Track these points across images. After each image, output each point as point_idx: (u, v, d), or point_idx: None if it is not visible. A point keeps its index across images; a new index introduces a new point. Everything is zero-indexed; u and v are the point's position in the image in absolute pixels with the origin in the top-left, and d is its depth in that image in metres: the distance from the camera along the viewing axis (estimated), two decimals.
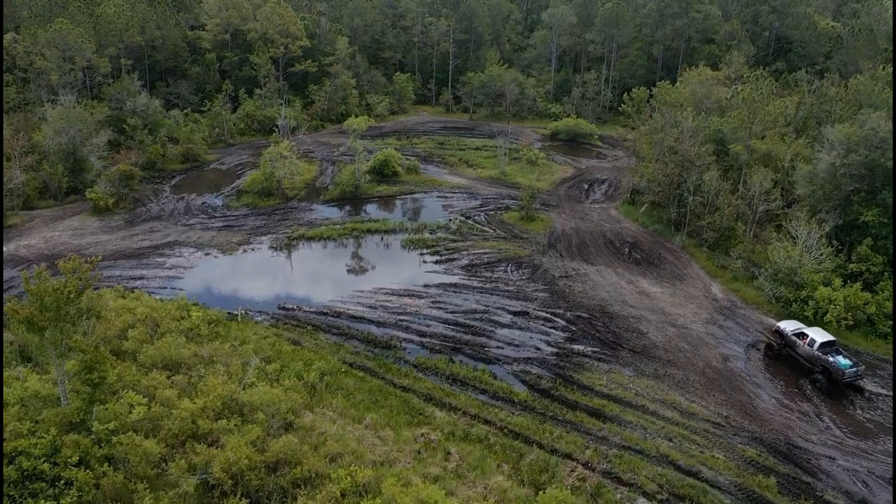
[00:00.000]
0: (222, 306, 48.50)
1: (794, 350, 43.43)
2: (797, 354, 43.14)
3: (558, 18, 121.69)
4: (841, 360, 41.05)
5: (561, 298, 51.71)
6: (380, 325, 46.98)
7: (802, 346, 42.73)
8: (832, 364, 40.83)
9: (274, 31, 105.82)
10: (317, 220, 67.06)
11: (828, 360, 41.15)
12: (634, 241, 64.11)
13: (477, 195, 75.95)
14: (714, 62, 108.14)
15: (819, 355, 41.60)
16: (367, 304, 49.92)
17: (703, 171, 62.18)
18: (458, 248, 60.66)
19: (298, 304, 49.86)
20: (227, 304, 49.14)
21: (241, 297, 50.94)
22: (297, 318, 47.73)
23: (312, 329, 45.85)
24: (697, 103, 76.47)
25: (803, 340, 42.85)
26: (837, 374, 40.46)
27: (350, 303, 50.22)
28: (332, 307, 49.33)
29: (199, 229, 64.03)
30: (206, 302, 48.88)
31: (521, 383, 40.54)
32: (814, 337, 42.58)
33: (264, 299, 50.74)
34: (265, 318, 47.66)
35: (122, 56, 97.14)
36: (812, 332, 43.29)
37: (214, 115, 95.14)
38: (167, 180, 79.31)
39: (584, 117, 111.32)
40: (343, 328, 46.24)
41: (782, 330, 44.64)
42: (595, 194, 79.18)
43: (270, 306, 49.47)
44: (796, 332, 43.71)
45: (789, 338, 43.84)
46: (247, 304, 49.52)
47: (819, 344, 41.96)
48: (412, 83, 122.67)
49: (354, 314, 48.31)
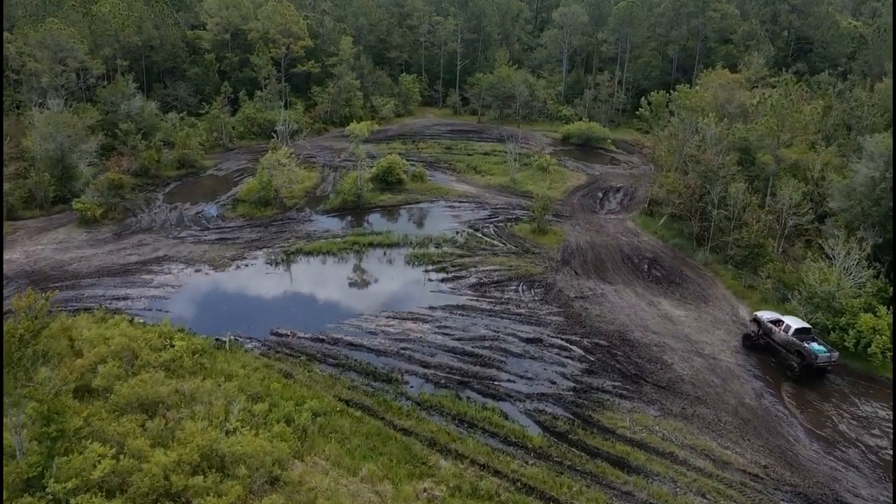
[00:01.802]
0: (210, 331, 44.76)
1: (770, 337, 44.26)
2: (773, 342, 43.94)
3: (570, 17, 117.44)
4: (815, 346, 41.69)
5: (577, 323, 47.76)
6: (380, 354, 43.14)
7: (778, 333, 43.51)
8: (806, 349, 41.47)
9: (275, 31, 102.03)
10: (316, 233, 63.29)
11: (802, 345, 41.80)
12: (654, 257, 60.09)
13: (486, 205, 72.03)
14: (732, 63, 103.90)
15: (794, 340, 42.35)
16: (367, 330, 46.08)
17: (727, 182, 58.12)
18: (466, 265, 56.78)
19: (292, 329, 46.04)
20: (216, 328, 45.36)
21: (232, 321, 47.14)
22: (290, 345, 43.94)
23: (306, 359, 42.02)
24: (719, 108, 72.40)
25: (779, 327, 43.67)
26: (810, 357, 41.08)
27: (348, 328, 46.40)
28: (329, 333, 45.51)
29: (191, 242, 60.35)
30: (193, 326, 45.12)
31: (536, 424, 36.66)
32: (789, 323, 43.46)
33: (256, 323, 46.93)
34: (256, 345, 43.90)
35: (118, 57, 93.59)
36: (788, 319, 44.24)
37: (213, 118, 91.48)
38: (161, 188, 75.67)
39: (597, 120, 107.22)
40: (340, 358, 42.42)
41: (759, 318, 45.49)
42: (610, 204, 75.14)
43: (262, 331, 45.68)
44: (773, 320, 44.56)
45: (766, 325, 44.57)
46: (237, 329, 45.73)
47: (794, 330, 42.84)
48: (418, 84, 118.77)
49: (353, 341, 44.48)
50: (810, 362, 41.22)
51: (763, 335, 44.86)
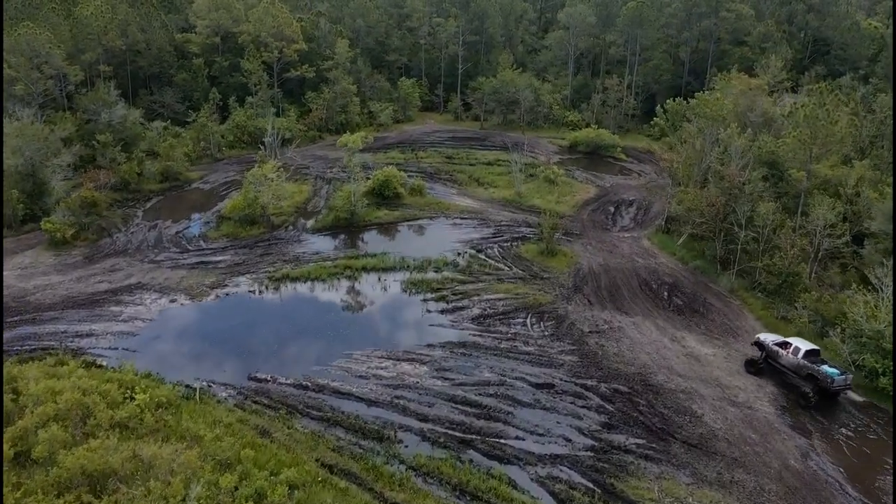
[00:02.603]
0: (181, 375, 39.79)
1: (776, 361, 41.53)
2: (780, 366, 41.26)
3: (576, 18, 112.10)
4: (828, 369, 39.00)
5: (593, 364, 42.60)
6: (371, 404, 38.03)
7: (786, 356, 40.83)
8: (820, 372, 38.83)
9: (267, 34, 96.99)
10: (305, 255, 58.22)
11: (815, 368, 39.12)
12: (674, 282, 54.94)
13: (489, 222, 66.88)
14: (747, 66, 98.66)
15: (805, 364, 39.62)
16: (358, 373, 40.96)
17: (755, 200, 52.96)
18: (468, 293, 51.67)
19: (273, 373, 40.95)
20: (188, 372, 40.37)
21: (206, 362, 42.14)
22: (269, 393, 38.84)
23: (287, 412, 36.93)
24: (740, 116, 67.25)
25: (786, 350, 40.85)
26: (826, 382, 38.47)
27: (336, 371, 41.28)
28: (314, 378, 40.40)
29: (168, 267, 55.30)
30: (162, 370, 40.12)
31: (549, 495, 31.52)
32: (798, 345, 40.71)
33: (234, 364, 41.89)
34: (231, 393, 38.81)
35: (101, 62, 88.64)
36: (795, 341, 41.41)
37: (200, 126, 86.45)
38: (142, 203, 70.64)
39: (605, 126, 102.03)
40: (325, 410, 37.31)
41: (763, 341, 42.62)
42: (623, 220, 69.96)
43: (239, 376, 40.58)
44: (778, 343, 41.75)
45: (771, 348, 41.76)
46: (211, 372, 40.71)
47: (804, 352, 40.14)
48: (418, 89, 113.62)
49: (340, 388, 39.36)
50: (826, 387, 38.65)
51: (768, 359, 41.99)
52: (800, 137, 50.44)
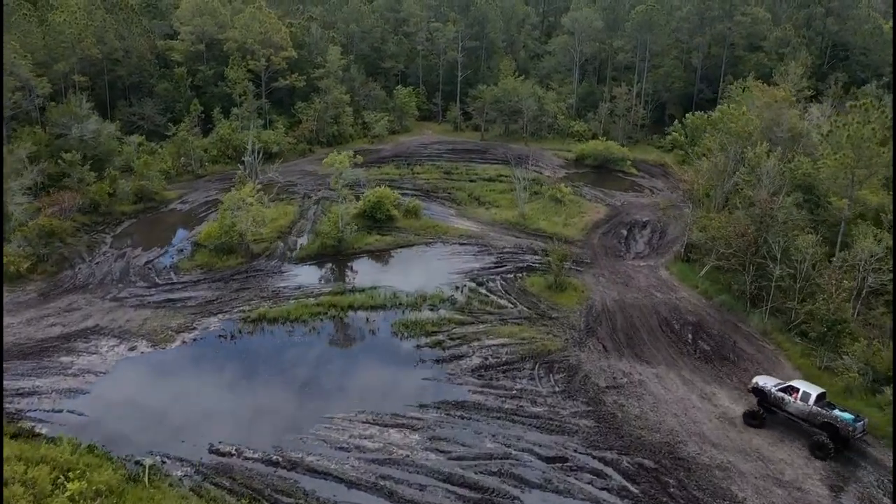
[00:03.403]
0: (130, 447, 34.06)
1: (782, 409, 36.97)
2: (788, 414, 36.78)
3: (581, 22, 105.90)
4: (843, 414, 35.20)
5: (612, 430, 36.66)
6: (352, 486, 32.15)
7: (794, 403, 36.50)
8: (839, 420, 34.75)
9: (254, 41, 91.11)
10: (286, 290, 52.36)
11: (832, 415, 35.13)
12: (698, 321, 49.01)
13: (491, 248, 60.94)
14: (764, 74, 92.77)
15: (819, 411, 35.55)
16: (337, 444, 35.04)
17: (789, 230, 47.03)
18: (468, 337, 45.76)
19: (239, 443, 35.03)
20: (141, 442, 34.59)
21: (162, 428, 36.23)
22: (233, 471, 32.95)
23: (252, 498, 31.03)
24: (765, 131, 61.33)
25: (793, 396, 36.58)
26: (847, 430, 34.53)
27: (313, 441, 35.36)
28: (287, 450, 34.48)
29: (132, 306, 49.44)
30: (109, 441, 34.31)
31: None
32: (806, 390, 36.50)
33: (193, 432, 35.94)
34: (187, 471, 32.93)
35: (76, 72, 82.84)
36: (802, 385, 37.22)
37: (180, 140, 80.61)
38: (112, 227, 64.79)
39: (613, 137, 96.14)
40: (297, 495, 31.39)
41: (763, 387, 37.75)
42: (637, 245, 64.02)
43: (198, 449, 34.62)
44: (782, 388, 37.18)
45: (775, 395, 37.14)
46: (167, 443, 34.81)
47: (815, 397, 35.99)
48: (415, 98, 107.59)
49: (316, 465, 33.45)
50: (846, 435, 34.69)
51: (771, 407, 37.39)
52: (842, 161, 44.45)
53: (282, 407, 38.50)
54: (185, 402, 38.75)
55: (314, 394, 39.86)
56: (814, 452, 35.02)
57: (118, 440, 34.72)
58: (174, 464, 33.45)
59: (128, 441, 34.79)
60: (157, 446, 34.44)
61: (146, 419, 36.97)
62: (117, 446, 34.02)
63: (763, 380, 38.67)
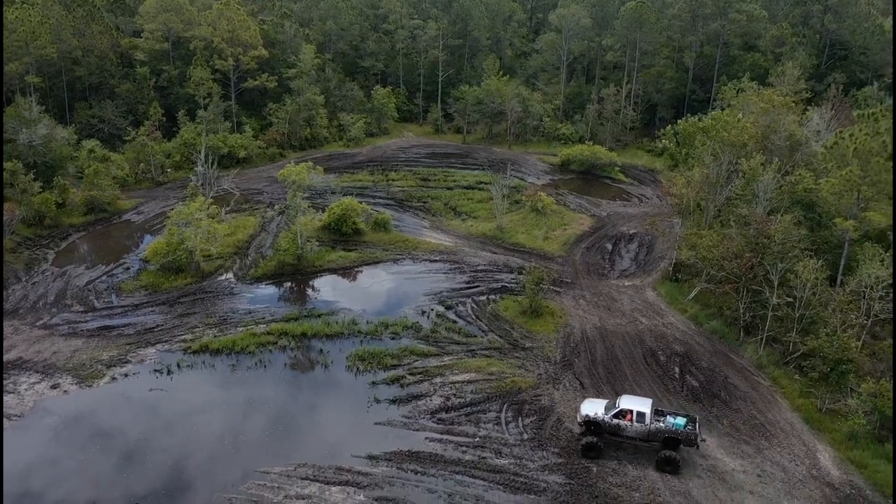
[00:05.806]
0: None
1: (620, 436, 34.64)
2: (626, 439, 34.66)
3: (569, 20, 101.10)
4: (678, 421, 34.36)
5: (584, 489, 32.13)
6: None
7: (631, 427, 34.33)
8: (682, 432, 33.53)
9: (221, 39, 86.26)
10: (236, 315, 47.72)
11: (670, 428, 33.78)
12: (686, 352, 44.51)
13: (464, 266, 56.34)
14: (759, 74, 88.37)
15: (658, 427, 33.95)
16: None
17: (787, 252, 42.57)
18: (430, 372, 41.20)
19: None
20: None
21: (74, 489, 31.59)
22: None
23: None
24: (761, 139, 56.88)
25: (627, 419, 34.42)
26: (691, 437, 33.44)
27: (241, 503, 30.80)
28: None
29: (63, 334, 44.77)
30: (14, 502, 29.70)
31: None
32: (639, 409, 34.48)
33: (109, 493, 31.32)
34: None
35: (30, 72, 77.97)
36: (628, 403, 34.89)
37: (139, 145, 75.75)
38: (57, 242, 60.02)
39: (601, 139, 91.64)
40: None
41: (596, 418, 34.68)
42: (622, 261, 59.45)
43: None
44: (614, 414, 34.59)
45: (610, 424, 34.46)
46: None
47: (649, 415, 34.14)
48: (395, 98, 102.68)
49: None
50: (692, 443, 33.41)
51: (606, 436, 34.63)
52: (848, 177, 39.91)
53: (214, 458, 33.87)
54: (105, 453, 34.06)
55: (251, 442, 35.23)
56: (662, 469, 33.15)
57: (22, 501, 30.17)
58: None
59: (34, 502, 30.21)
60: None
61: (56, 478, 32.28)
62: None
63: (588, 407, 35.54)
